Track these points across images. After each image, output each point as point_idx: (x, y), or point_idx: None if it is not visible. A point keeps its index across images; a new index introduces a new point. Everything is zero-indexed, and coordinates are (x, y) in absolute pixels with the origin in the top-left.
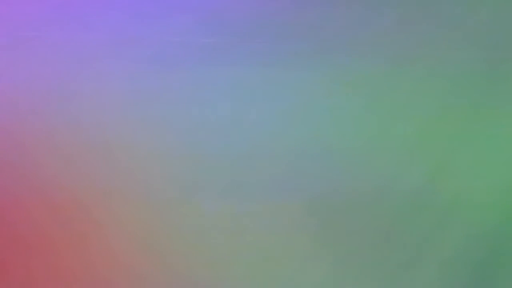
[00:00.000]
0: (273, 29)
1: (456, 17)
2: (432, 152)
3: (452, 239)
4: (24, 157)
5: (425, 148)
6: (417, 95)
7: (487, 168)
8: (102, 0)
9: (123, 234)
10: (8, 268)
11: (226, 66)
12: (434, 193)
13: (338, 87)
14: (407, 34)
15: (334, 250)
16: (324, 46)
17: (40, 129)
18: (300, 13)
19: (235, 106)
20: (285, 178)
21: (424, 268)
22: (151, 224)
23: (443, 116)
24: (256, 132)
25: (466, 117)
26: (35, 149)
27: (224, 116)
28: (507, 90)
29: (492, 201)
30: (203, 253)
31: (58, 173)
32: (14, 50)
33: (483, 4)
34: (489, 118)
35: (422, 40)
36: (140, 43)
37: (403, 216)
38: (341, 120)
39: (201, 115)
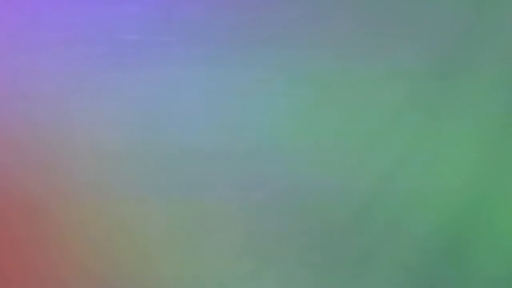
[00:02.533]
0: (230, 28)
1: (414, 19)
2: (386, 152)
3: (406, 240)
4: None
5: (379, 149)
6: (373, 95)
7: (442, 169)
8: None
9: (77, 234)
10: None
11: (183, 65)
12: (388, 194)
13: (293, 86)
14: (364, 34)
15: (287, 250)
16: (280, 45)
17: None
18: (255, 12)
19: (190, 105)
20: (237, 178)
21: (378, 269)
22: (105, 223)
23: (399, 116)
24: (208, 131)
25: (422, 118)
26: None
27: (177, 114)
28: (464, 92)
29: (446, 202)
30: (157, 252)
31: (12, 173)
32: None
33: (441, 8)
34: (445, 119)
35: (379, 39)
36: (92, 42)
37: (357, 216)
38: (295, 120)
39: (154, 114)
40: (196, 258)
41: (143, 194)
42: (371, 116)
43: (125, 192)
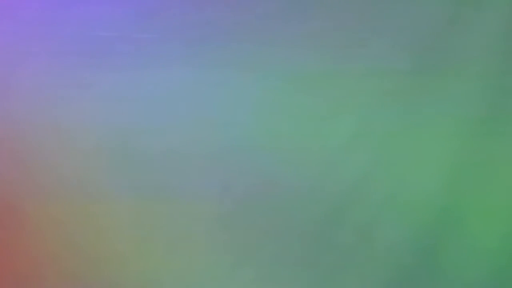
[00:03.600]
0: (212, 25)
1: (392, 16)
2: (365, 151)
3: (381, 240)
4: None
5: (358, 148)
6: (352, 94)
7: (421, 168)
8: None
9: (53, 233)
10: None
11: (162, 63)
12: (365, 193)
13: (271, 85)
14: (343, 33)
15: (264, 249)
16: (259, 43)
17: None
18: (236, 11)
19: (168, 104)
20: (215, 177)
21: (353, 268)
22: (82, 223)
23: (378, 115)
24: (186, 130)
25: (401, 117)
26: None
27: (156, 113)
28: (443, 89)
29: (425, 201)
30: (135, 251)
31: None
32: None
33: (420, 6)
34: (424, 117)
35: (358, 39)
36: (67, 38)
37: (333, 216)
38: (273, 119)
39: (131, 114)
40: (174, 257)
41: (121, 194)
42: (349, 115)
43: (103, 192)
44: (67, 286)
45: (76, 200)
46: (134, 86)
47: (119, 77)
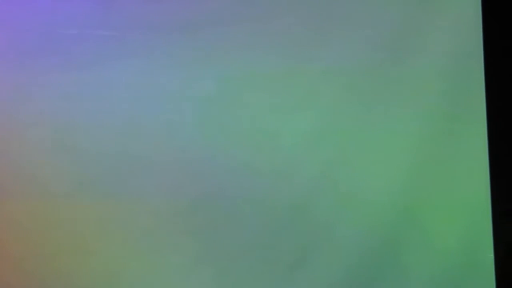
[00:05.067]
0: (177, 22)
1: (353, 18)
2: (325, 149)
3: (344, 236)
4: None
5: (319, 146)
6: (313, 92)
7: (380, 166)
8: None
9: (11, 231)
10: None
11: (124, 60)
12: (327, 189)
13: (231, 84)
14: (305, 33)
15: (222, 248)
16: (223, 43)
17: None
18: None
19: (131, 101)
20: (170, 177)
21: (312, 267)
22: (39, 221)
23: (338, 113)
24: (145, 130)
25: (361, 116)
26: None
27: (118, 112)
28: (402, 89)
29: (383, 199)
30: (92, 249)
31: None
32: None
33: (379, 6)
34: (384, 116)
35: (319, 39)
36: (29, 35)
37: (294, 213)
38: (230, 118)
39: (87, 112)
40: (130, 256)
41: (77, 193)
42: (309, 113)
43: (59, 191)
44: (23, 281)
45: (31, 197)
46: (94, 84)
47: (77, 76)
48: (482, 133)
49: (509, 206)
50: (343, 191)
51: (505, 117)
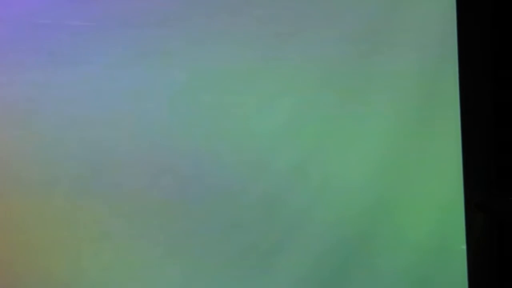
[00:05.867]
0: (156, 14)
1: (327, 11)
2: (300, 141)
3: (313, 231)
4: None
5: (293, 138)
6: (287, 84)
7: (353, 160)
8: None
9: None
10: None
11: (100, 51)
12: (298, 183)
13: (204, 77)
14: (275, 29)
15: (195, 240)
16: (200, 35)
17: None
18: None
19: (105, 96)
20: (142, 169)
21: (285, 259)
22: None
23: (313, 105)
24: (117, 127)
25: (335, 109)
26: None
27: (93, 108)
28: (376, 84)
29: (356, 191)
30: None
31: None
32: None
33: (352, 0)
34: (357, 110)
35: (292, 34)
36: (2, 24)
37: (266, 206)
38: (204, 110)
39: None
40: (102, 248)
41: (42, 188)
42: (286, 105)
43: (24, 185)
44: None
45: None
46: (68, 76)
47: (51, 67)
48: (455, 127)
49: (481, 198)
50: (317, 183)
51: (478, 112)
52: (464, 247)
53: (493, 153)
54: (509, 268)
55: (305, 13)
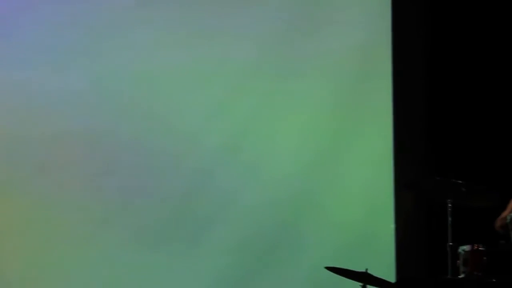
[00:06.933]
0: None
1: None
2: (231, 121)
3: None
4: None
5: (224, 117)
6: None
7: (285, 139)
8: None
9: None
10: None
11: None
12: (234, 156)
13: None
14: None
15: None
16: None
17: None
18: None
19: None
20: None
21: (213, 237)
22: None
23: (247, 83)
24: (52, 124)
25: (270, 85)
26: None
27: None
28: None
29: (287, 171)
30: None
31: None
32: None
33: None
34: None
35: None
36: None
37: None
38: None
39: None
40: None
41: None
42: (216, 81)
43: None
44: None
45: None
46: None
47: None
48: (388, 109)
49: (410, 178)
50: (248, 160)
51: (408, 95)
52: (393, 226)
53: (422, 135)
54: (436, 246)
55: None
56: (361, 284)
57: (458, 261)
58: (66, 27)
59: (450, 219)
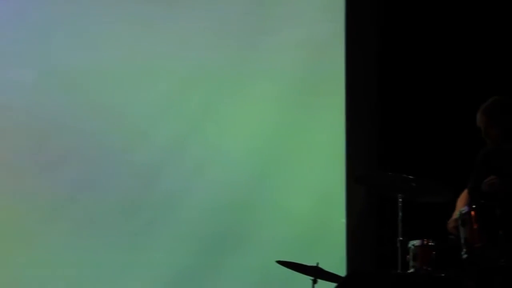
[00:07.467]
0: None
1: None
2: (174, 120)
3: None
4: None
5: (173, 111)
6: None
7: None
8: None
9: None
10: None
11: None
12: (183, 149)
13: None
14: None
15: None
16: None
17: None
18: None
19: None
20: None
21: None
22: None
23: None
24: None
25: (220, 76)
26: None
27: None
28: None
29: (240, 162)
30: None
31: None
32: None
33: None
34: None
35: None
36: None
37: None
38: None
39: None
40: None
41: None
42: (164, 72)
43: None
44: None
45: None
46: None
47: None
48: (340, 101)
49: (361, 171)
50: (196, 157)
51: (361, 89)
52: (344, 220)
53: (374, 129)
54: (387, 241)
55: None
56: (311, 278)
57: (408, 256)
58: (13, 21)
59: (400, 214)
